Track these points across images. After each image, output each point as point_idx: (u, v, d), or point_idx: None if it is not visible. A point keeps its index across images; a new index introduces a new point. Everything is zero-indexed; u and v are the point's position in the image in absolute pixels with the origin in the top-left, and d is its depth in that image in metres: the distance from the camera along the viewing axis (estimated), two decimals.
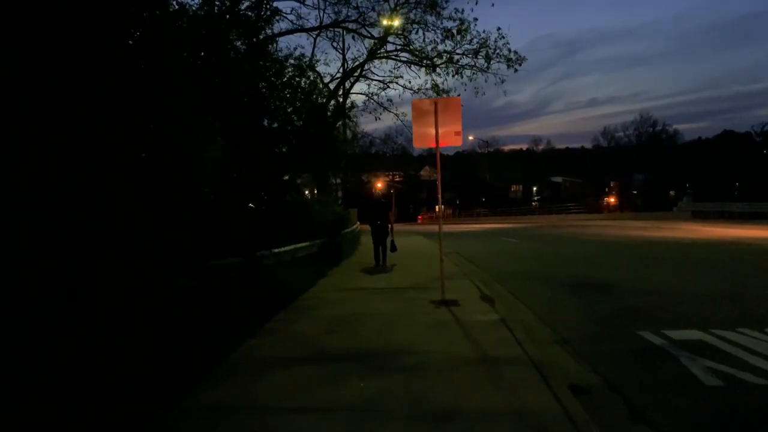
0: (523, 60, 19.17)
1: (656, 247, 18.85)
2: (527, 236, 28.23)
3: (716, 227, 28.90)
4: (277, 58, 10.72)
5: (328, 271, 12.72)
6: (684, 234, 24.65)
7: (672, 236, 23.53)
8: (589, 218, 52.66)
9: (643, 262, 14.39)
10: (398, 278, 11.86)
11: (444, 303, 8.55)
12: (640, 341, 6.46)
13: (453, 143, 8.80)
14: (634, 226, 34.06)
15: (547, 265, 14.31)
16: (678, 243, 20.08)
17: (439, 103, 8.73)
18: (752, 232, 24.28)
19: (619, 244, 20.36)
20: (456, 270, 13.06)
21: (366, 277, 12.25)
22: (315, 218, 13.89)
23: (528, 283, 11.34)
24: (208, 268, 7.98)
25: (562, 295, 9.64)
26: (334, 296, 9.37)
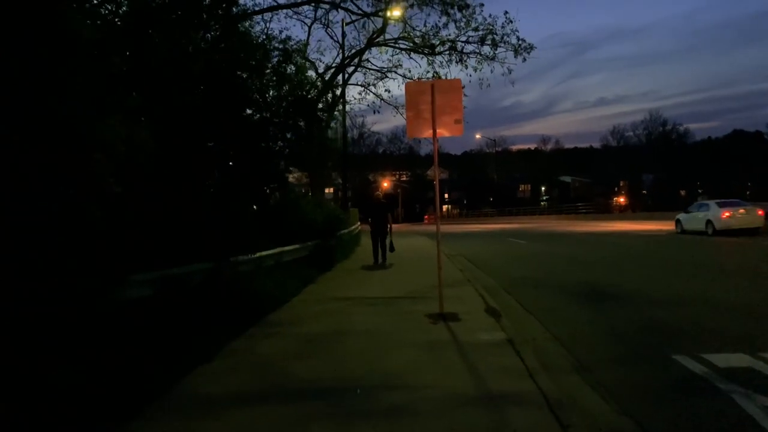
0: (531, 48, 17.97)
1: (677, 249, 17.60)
2: (536, 237, 27.01)
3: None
4: (255, 39, 9.61)
5: (318, 278, 11.60)
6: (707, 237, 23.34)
7: (692, 239, 22.25)
8: (600, 218, 51.26)
9: (668, 267, 13.17)
10: (393, 285, 10.72)
11: (442, 317, 7.40)
12: (678, 369, 5.29)
13: (453, 133, 7.66)
14: (648, 226, 32.74)
15: (559, 270, 13.13)
16: (701, 244, 18.81)
17: (436, 86, 7.58)
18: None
19: (638, 247, 19.10)
20: (459, 276, 11.91)
21: (358, 283, 11.12)
22: (306, 218, 12.77)
23: (538, 291, 10.17)
24: (165, 277, 6.87)
25: (577, 307, 8.48)
26: (317, 308, 8.24)
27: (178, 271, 7.24)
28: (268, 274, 9.72)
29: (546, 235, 28.69)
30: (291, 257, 11.37)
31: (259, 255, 9.51)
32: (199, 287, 7.66)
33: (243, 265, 8.86)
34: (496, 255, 18.09)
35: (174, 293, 6.97)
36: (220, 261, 8.25)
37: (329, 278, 11.85)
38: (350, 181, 75.70)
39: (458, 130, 7.60)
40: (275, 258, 10.47)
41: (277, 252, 10.54)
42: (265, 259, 9.81)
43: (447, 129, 7.61)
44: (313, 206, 13.65)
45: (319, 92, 15.43)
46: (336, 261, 14.20)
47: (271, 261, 10.30)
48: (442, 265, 7.99)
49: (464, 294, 9.44)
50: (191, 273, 7.54)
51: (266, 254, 9.86)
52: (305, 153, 12.26)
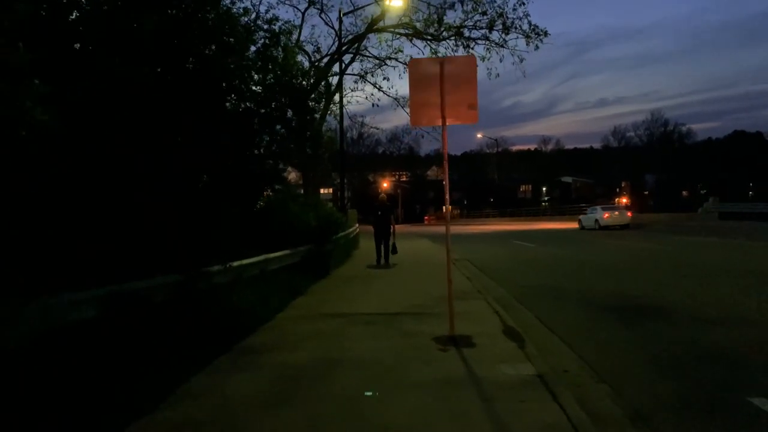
0: (545, 34, 16.65)
1: (701, 253, 16.33)
2: (542, 239, 25.75)
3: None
4: (236, 15, 8.34)
5: (309, 288, 10.32)
6: (726, 239, 22.08)
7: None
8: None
9: (695, 274, 11.89)
10: (394, 296, 9.46)
11: (453, 341, 6.14)
12: (763, 420, 4.05)
13: (466, 120, 6.39)
14: (660, 228, 31.49)
15: (576, 278, 11.86)
16: (723, 247, 17.56)
17: (446, 65, 6.31)
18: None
19: (654, 251, 17.83)
20: (467, 285, 10.65)
21: (354, 295, 9.85)
22: (298, 221, 11.50)
23: (558, 304, 8.92)
24: (116, 294, 5.61)
25: (609, 325, 7.22)
26: (305, 328, 6.96)
27: (133, 285, 5.98)
28: (251, 285, 8.47)
29: (550, 237, 27.43)
30: (279, 265, 10.11)
31: (240, 263, 8.24)
32: (162, 305, 6.41)
33: (219, 276, 7.60)
34: (502, 259, 16.83)
35: (127, 314, 5.72)
36: (190, 272, 6.99)
37: (322, 288, 10.57)
38: (349, 182, 74.58)
39: (472, 117, 6.33)
40: (260, 266, 9.21)
41: (262, 260, 9.27)
42: (246, 269, 8.55)
43: (459, 116, 6.35)
44: (306, 208, 12.37)
45: (313, 83, 14.17)
46: (331, 267, 12.93)
47: (255, 270, 9.04)
48: (451, 278, 6.70)
49: (475, 309, 8.19)
50: (152, 288, 6.29)
51: (248, 263, 8.60)
52: (295, 148, 11.00)
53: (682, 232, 26.26)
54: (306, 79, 12.37)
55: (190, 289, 6.88)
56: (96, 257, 5.88)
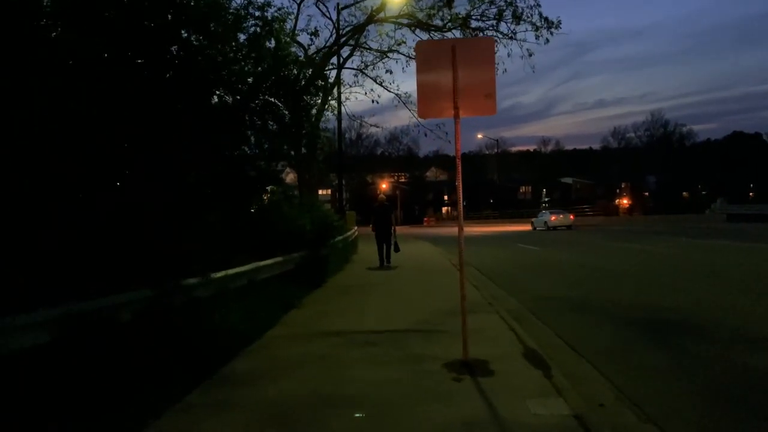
0: (557, 25, 15.75)
1: (721, 258, 15.48)
2: (547, 242, 24.91)
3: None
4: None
5: (303, 299, 9.44)
6: (743, 241, 21.24)
7: (724, 243, 20.14)
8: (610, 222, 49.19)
9: (723, 282, 11.03)
10: (397, 309, 8.59)
11: (467, 368, 5.28)
12: None
13: (482, 111, 5.53)
14: (668, 230, 30.63)
15: (591, 286, 11.01)
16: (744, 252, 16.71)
17: (460, 47, 5.44)
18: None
19: (667, 255, 16.97)
20: (476, 295, 9.78)
21: (353, 307, 8.97)
22: (292, 225, 10.63)
23: (579, 317, 8.06)
24: (74, 315, 4.75)
25: (642, 344, 6.35)
26: (296, 351, 6.08)
27: (95, 304, 5.11)
28: (238, 298, 7.60)
29: (554, 240, 26.59)
30: (270, 273, 9.23)
31: (224, 274, 7.37)
32: (129, 326, 5.54)
33: (200, 289, 6.72)
34: (509, 264, 15.97)
35: (85, 338, 4.85)
36: (165, 285, 6.12)
37: (318, 299, 9.69)
38: (348, 183, 73.84)
39: (489, 108, 5.47)
40: (249, 276, 8.34)
41: (251, 268, 8.40)
42: (232, 279, 7.67)
43: (474, 107, 5.48)
44: (301, 210, 11.50)
45: (309, 77, 13.28)
46: (328, 275, 12.06)
47: (243, 280, 8.17)
48: (465, 293, 5.83)
49: (488, 324, 7.33)
50: (117, 306, 5.42)
51: (234, 273, 7.72)
52: (289, 147, 10.13)
53: (692, 235, 25.42)
54: (301, 72, 11.52)
55: (164, 306, 6.01)
56: (50, 269, 5.03)
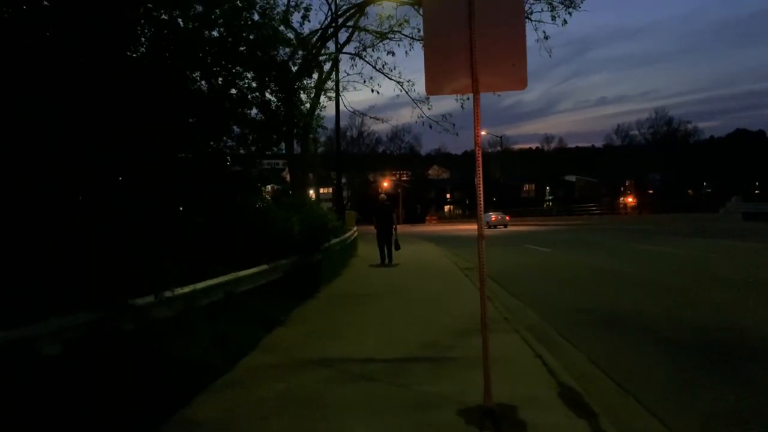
0: (577, 4, 14.47)
1: (753, 262, 14.21)
2: (557, 243, 23.64)
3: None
4: None
5: (291, 314, 8.19)
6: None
7: (750, 245, 18.87)
8: (619, 222, 47.85)
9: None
10: (398, 327, 7.36)
11: (491, 419, 4.05)
12: None
13: (509, 84, 4.29)
14: (682, 230, 29.31)
15: (620, 296, 9.76)
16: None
17: (478, 1, 4.20)
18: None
19: (692, 259, 15.71)
20: (489, 307, 8.55)
21: (347, 325, 7.71)
22: (280, 228, 9.39)
23: (616, 338, 6.81)
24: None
25: (708, 377, 5.10)
26: (273, 389, 4.84)
27: (8, 335, 3.91)
28: (210, 316, 6.38)
29: (564, 240, 25.33)
30: (253, 285, 8.00)
31: (192, 289, 6.13)
32: (57, 361, 4.33)
33: (159, 309, 5.49)
34: (521, 268, 14.72)
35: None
36: (111, 306, 4.89)
37: (308, 314, 8.43)
38: (349, 181, 72.71)
39: (518, 81, 4.24)
40: (226, 288, 7.10)
41: (228, 280, 7.16)
42: (203, 294, 6.43)
43: (497, 78, 4.24)
44: (291, 211, 10.27)
45: (302, 64, 12.02)
46: (322, 283, 10.82)
47: (218, 294, 6.94)
48: (487, 321, 4.60)
49: (508, 348, 6.10)
50: (41, 336, 4.20)
51: (206, 286, 6.49)
52: (278, 139, 8.91)
53: (710, 235, 24.14)
54: (293, 55, 10.28)
55: (108, 334, 4.78)
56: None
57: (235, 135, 8.40)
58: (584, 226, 42.73)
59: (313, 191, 45.63)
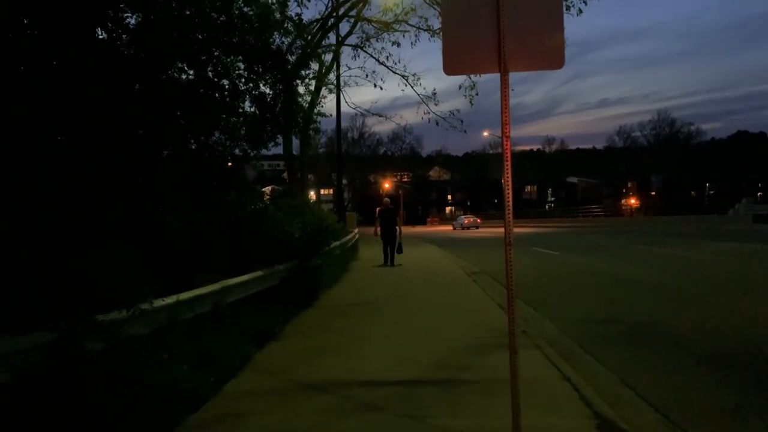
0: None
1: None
2: (565, 246, 22.92)
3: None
4: None
5: (287, 326, 7.47)
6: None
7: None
8: (624, 224, 47.08)
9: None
10: (406, 341, 6.64)
11: None
12: None
13: (544, 62, 3.60)
14: (693, 232, 28.58)
15: (644, 305, 9.04)
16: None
17: None
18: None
19: (710, 263, 15.00)
20: (502, 318, 7.84)
21: (350, 337, 7.00)
22: (277, 232, 8.69)
23: (648, 354, 6.10)
24: None
25: (762, 403, 4.41)
26: (261, 423, 4.14)
27: None
28: (194, 331, 5.68)
29: (571, 243, 24.62)
30: (245, 293, 7.30)
31: (175, 300, 5.44)
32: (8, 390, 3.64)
33: (133, 325, 4.79)
34: (531, 273, 13.97)
35: None
36: (73, 324, 4.20)
37: (305, 326, 7.71)
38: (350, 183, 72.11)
39: (554, 58, 3.55)
40: (214, 299, 6.40)
41: (217, 289, 6.46)
42: (187, 306, 5.74)
43: (531, 54, 3.55)
44: (289, 213, 9.56)
45: (300, 55, 11.31)
46: (321, 290, 10.11)
47: (206, 305, 6.24)
48: (516, 345, 3.89)
49: (531, 368, 5.36)
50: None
51: (190, 297, 5.79)
52: (273, 132, 8.21)
53: (722, 237, 23.42)
54: (291, 44, 9.57)
55: (69, 357, 4.09)
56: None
57: (227, 127, 7.70)
58: (589, 228, 42.02)
59: (313, 192, 44.87)
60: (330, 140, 72.07)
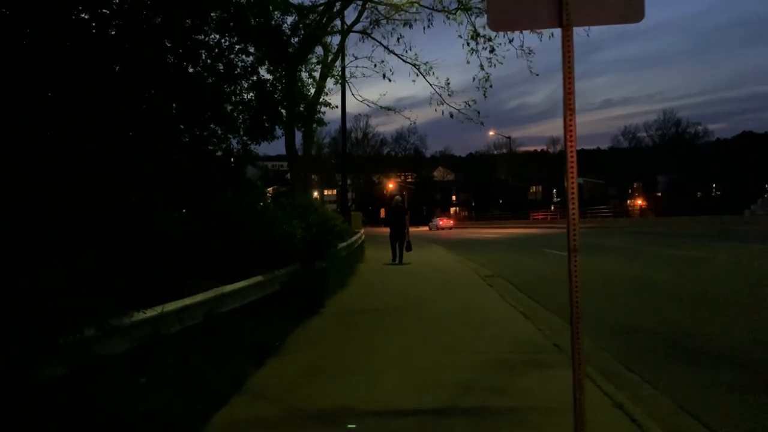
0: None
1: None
2: (579, 247, 22.00)
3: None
4: None
5: (288, 337, 6.67)
6: None
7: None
8: (636, 224, 46.14)
9: None
10: (423, 357, 5.86)
11: None
12: None
13: (616, 18, 2.82)
14: (709, 233, 27.69)
15: (677, 313, 8.24)
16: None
17: None
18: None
19: (738, 265, 14.16)
20: (529, 328, 7.09)
21: (359, 353, 6.20)
22: (278, 232, 7.93)
23: (702, 373, 5.30)
24: None
25: None
26: None
27: None
28: (181, 347, 4.92)
29: (586, 246, 23.72)
30: (241, 301, 6.55)
31: (160, 311, 4.68)
32: None
33: (107, 343, 4.03)
34: (549, 277, 13.17)
35: None
36: (29, 347, 3.44)
37: (310, 337, 6.90)
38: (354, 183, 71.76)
39: (633, 10, 2.76)
40: (205, 310, 5.64)
41: (210, 298, 5.70)
42: (174, 318, 4.98)
43: (604, 6, 2.77)
44: (291, 213, 8.81)
45: (303, 38, 10.52)
46: (326, 295, 9.33)
47: (197, 316, 5.48)
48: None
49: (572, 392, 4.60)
50: None
51: (178, 308, 5.03)
52: (271, 123, 7.45)
53: (740, 238, 22.52)
54: (293, 25, 8.80)
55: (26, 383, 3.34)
56: None
57: (223, 116, 6.94)
58: (600, 228, 41.17)
59: (317, 193, 43.99)
60: (334, 140, 71.37)
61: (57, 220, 3.98)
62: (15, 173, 3.78)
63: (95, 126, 4.99)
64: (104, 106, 5.02)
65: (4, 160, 3.79)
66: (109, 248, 4.72)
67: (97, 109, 5.03)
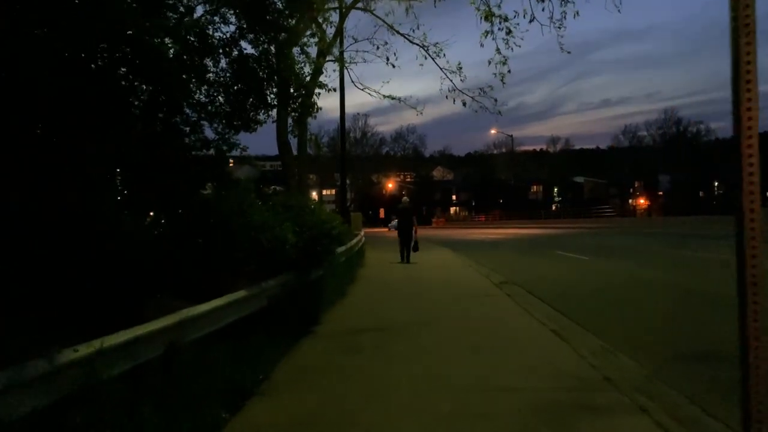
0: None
1: None
2: (590, 249, 20.86)
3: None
4: None
5: (274, 369, 5.40)
6: None
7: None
8: (643, 224, 44.95)
9: None
10: (443, 399, 4.64)
11: None
12: None
13: None
14: (723, 234, 26.51)
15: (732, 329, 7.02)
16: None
17: None
18: None
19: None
20: (567, 352, 5.88)
21: (361, 390, 4.98)
22: (266, 237, 6.72)
23: None
24: None
25: None
26: None
27: None
28: (128, 396, 3.70)
29: (597, 247, 22.58)
30: (216, 325, 5.32)
31: (98, 347, 3.47)
32: None
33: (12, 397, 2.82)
34: (569, 284, 11.94)
35: None
36: None
37: (300, 369, 5.58)
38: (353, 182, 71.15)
39: None
40: (165, 339, 4.42)
41: (169, 325, 4.47)
42: (117, 355, 3.76)
43: None
44: (281, 214, 7.60)
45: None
46: (323, 310, 8.11)
47: (156, 347, 4.26)
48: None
49: None
50: None
51: (125, 340, 3.82)
52: (253, 106, 6.24)
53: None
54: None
55: None
56: None
57: (197, 103, 5.72)
58: (605, 229, 40.02)
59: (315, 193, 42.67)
60: (332, 140, 70.03)
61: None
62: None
63: (18, 105, 3.79)
64: (30, 78, 3.81)
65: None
66: (37, 264, 3.51)
67: (23, 84, 3.82)
